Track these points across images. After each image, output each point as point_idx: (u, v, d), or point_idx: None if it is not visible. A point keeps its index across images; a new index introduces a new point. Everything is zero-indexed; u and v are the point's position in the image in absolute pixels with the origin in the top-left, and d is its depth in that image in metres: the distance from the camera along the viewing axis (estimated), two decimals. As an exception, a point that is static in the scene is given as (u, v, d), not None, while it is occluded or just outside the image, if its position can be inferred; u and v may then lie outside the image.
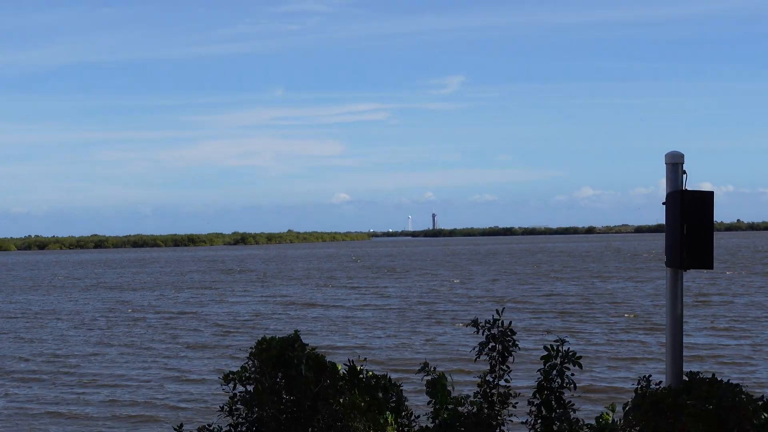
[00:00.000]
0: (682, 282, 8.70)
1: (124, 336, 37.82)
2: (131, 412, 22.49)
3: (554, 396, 9.33)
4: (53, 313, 49.70)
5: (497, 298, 51.04)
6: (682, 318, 8.71)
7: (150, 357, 31.62)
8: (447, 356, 28.74)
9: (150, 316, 46.72)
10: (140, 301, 57.58)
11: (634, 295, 51.16)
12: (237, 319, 43.89)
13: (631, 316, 39.40)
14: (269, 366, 9.46)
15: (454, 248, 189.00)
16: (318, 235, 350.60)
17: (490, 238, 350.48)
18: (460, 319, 39.44)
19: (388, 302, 50.65)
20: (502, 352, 9.49)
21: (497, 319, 9.51)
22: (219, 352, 32.15)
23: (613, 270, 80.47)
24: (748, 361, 27.53)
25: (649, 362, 27.38)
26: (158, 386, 25.70)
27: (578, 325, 36.76)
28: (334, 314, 44.76)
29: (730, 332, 34.04)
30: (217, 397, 23.19)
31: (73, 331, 40.49)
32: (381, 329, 37.32)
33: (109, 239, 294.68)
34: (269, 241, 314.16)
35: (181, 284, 75.22)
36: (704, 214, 8.44)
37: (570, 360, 9.29)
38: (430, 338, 34.00)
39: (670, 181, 8.67)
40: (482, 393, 9.45)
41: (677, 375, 8.60)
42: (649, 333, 33.93)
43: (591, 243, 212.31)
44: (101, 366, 29.72)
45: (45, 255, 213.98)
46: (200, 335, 37.35)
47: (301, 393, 9.35)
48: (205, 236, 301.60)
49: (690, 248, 8.38)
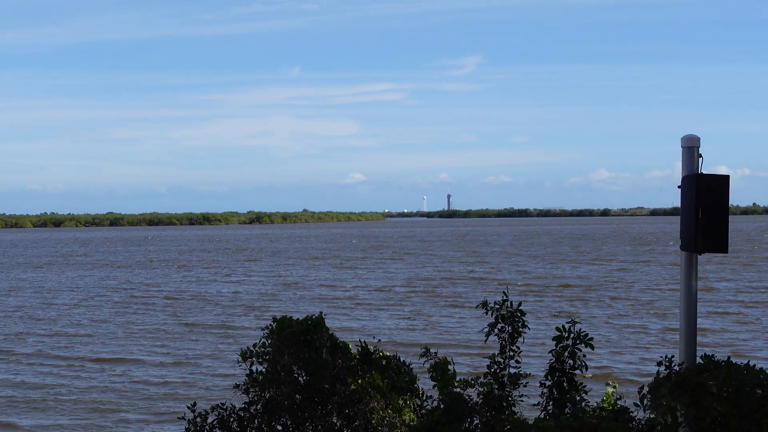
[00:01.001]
0: (696, 265, 8.71)
1: (115, 315, 37.81)
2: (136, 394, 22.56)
3: (566, 377, 9.31)
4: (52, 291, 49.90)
5: (499, 280, 51.10)
6: (696, 301, 8.72)
7: (148, 336, 31.66)
8: (449, 340, 28.67)
9: (142, 294, 46.78)
10: (129, 277, 57.82)
11: (631, 280, 51.08)
12: (224, 297, 43.88)
13: (629, 301, 39.26)
14: (288, 346, 9.47)
15: (463, 230, 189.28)
16: (333, 215, 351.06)
17: (500, 220, 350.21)
18: (461, 302, 39.38)
19: (391, 283, 50.58)
20: (511, 333, 9.48)
21: (505, 300, 9.51)
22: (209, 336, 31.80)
23: (615, 253, 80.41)
24: (747, 344, 27.57)
25: (652, 347, 27.40)
26: (158, 367, 25.73)
27: (578, 309, 36.58)
28: (331, 294, 44.66)
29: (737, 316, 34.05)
30: (196, 378, 23.29)
31: (76, 309, 40.64)
32: (382, 310, 37.10)
33: (124, 217, 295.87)
34: (284, 220, 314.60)
35: (178, 262, 75.35)
36: (719, 198, 8.43)
37: (582, 341, 9.26)
38: (431, 322, 33.83)
39: (685, 165, 8.67)
40: (492, 374, 9.43)
41: (692, 357, 8.62)
42: (648, 317, 33.88)
43: (599, 226, 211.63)
44: (95, 346, 29.61)
45: (60, 232, 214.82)
46: (193, 315, 37.17)
47: (319, 374, 9.36)
48: (220, 215, 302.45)
49: (705, 232, 8.38)
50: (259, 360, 9.66)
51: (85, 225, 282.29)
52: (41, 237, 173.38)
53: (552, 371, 9.30)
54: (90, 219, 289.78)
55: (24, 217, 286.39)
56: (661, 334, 29.58)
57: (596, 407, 9.12)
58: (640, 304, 38.20)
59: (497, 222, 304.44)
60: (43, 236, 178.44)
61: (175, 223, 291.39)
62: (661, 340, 28.60)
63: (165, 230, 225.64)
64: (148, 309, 40.14)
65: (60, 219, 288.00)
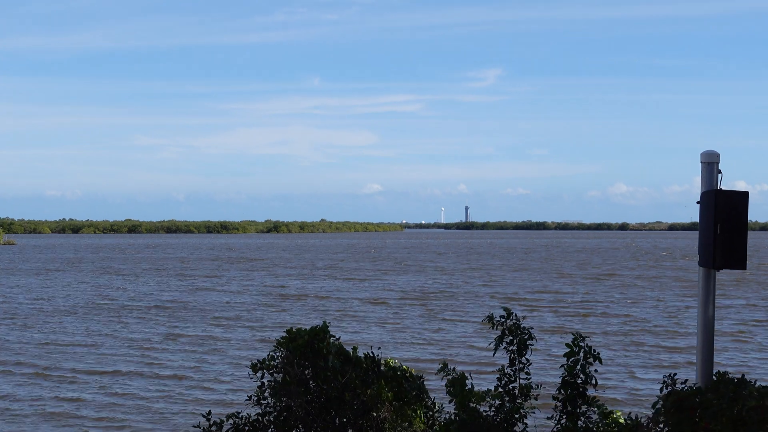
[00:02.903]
0: (714, 282, 8.68)
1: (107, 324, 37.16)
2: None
3: (578, 391, 9.36)
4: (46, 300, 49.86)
5: (503, 294, 50.89)
6: (714, 318, 8.67)
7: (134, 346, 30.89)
8: (440, 355, 27.71)
9: (138, 304, 46.07)
10: (127, 287, 57.80)
11: (629, 298, 50.75)
12: (222, 307, 43.67)
13: (628, 318, 38.63)
14: (297, 356, 9.50)
15: (474, 242, 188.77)
16: (351, 225, 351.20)
17: (514, 232, 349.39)
18: (463, 316, 39.01)
19: (389, 295, 50.25)
20: (519, 345, 9.56)
21: (510, 312, 9.64)
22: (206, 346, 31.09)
23: (617, 269, 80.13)
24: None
25: (648, 365, 27.13)
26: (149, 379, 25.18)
27: (577, 326, 35.98)
28: (322, 305, 44.23)
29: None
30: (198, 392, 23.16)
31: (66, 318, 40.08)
32: (378, 325, 36.32)
33: (142, 224, 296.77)
34: (302, 230, 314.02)
35: (181, 272, 75.37)
36: (738, 214, 8.40)
37: (592, 355, 9.33)
38: (432, 334, 33.34)
39: (705, 181, 8.65)
40: (503, 386, 9.51)
41: (708, 375, 8.57)
42: (645, 335, 33.35)
43: (610, 239, 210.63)
44: (87, 359, 28.48)
45: (77, 239, 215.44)
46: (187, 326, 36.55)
47: (328, 383, 9.39)
48: (238, 224, 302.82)
49: (723, 249, 8.35)
50: (270, 371, 9.68)
51: (104, 231, 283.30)
52: (52, 243, 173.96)
53: (564, 385, 9.37)
54: (108, 226, 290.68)
55: (43, 222, 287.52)
56: (656, 356, 28.66)
57: (608, 421, 9.14)
58: (634, 321, 37.46)
59: (511, 234, 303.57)
60: (58, 242, 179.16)
61: (193, 231, 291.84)
62: (655, 360, 27.85)
63: (181, 238, 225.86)
64: (135, 319, 39.07)
65: (78, 225, 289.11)
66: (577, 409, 9.30)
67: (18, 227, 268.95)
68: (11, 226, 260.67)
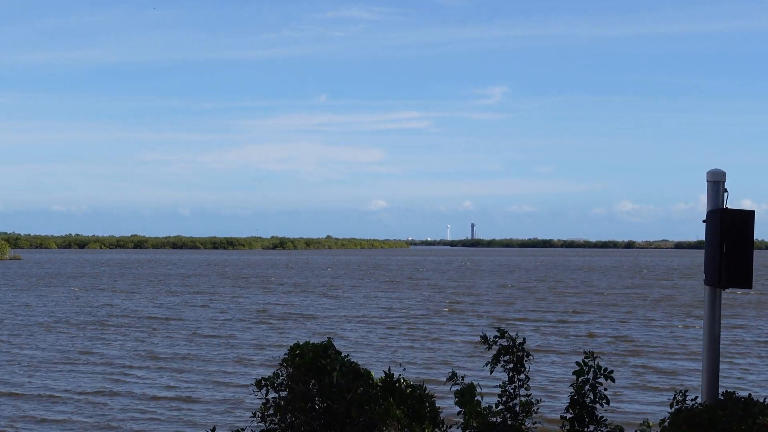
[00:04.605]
0: (720, 301, 8.69)
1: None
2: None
3: (587, 411, 9.35)
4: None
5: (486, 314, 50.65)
6: (719, 336, 8.68)
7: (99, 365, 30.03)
8: (431, 375, 26.87)
9: (121, 320, 45.46)
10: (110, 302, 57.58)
11: (615, 318, 50.52)
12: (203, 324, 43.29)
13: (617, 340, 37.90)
14: (302, 372, 9.50)
15: (476, 258, 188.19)
16: (356, 241, 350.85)
17: (516, 250, 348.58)
18: (448, 334, 38.60)
19: (371, 313, 49.57)
20: (516, 364, 9.58)
21: (504, 331, 9.67)
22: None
23: (614, 286, 79.96)
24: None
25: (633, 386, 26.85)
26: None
27: (566, 346, 35.47)
28: (304, 326, 43.41)
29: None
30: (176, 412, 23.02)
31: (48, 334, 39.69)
32: (363, 344, 35.28)
33: (148, 240, 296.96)
34: (308, 246, 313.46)
35: (164, 287, 74.83)
36: (744, 233, 8.42)
37: (602, 374, 9.31)
38: (416, 353, 32.69)
39: (710, 199, 8.66)
40: (503, 403, 9.52)
41: (713, 393, 8.57)
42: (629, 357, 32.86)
43: (608, 258, 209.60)
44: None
45: (82, 254, 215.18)
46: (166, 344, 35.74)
47: (334, 400, 9.39)
48: (244, 239, 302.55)
49: (729, 267, 8.37)
50: (275, 388, 9.69)
51: (110, 247, 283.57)
52: (57, 258, 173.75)
53: (573, 404, 9.36)
54: (114, 241, 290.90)
55: (49, 238, 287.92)
56: (638, 377, 27.81)
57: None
58: (623, 341, 36.86)
59: (514, 252, 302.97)
60: (62, 257, 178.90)
61: (199, 246, 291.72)
62: (640, 380, 27.32)
63: (186, 254, 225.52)
64: (113, 335, 38.34)
65: (84, 240, 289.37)
66: (584, 428, 9.29)
67: (24, 242, 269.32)
68: (17, 240, 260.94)
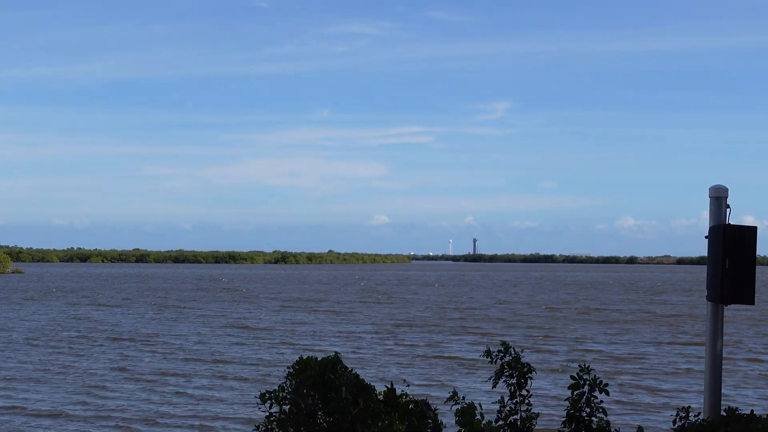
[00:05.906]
0: (722, 317, 8.71)
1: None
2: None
3: (584, 425, 9.33)
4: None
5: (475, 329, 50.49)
6: (722, 353, 8.69)
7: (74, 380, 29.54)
8: (417, 394, 26.75)
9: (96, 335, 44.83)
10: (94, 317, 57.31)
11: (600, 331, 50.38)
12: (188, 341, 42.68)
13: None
14: (308, 387, 9.51)
15: (473, 273, 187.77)
16: (358, 256, 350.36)
17: (516, 265, 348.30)
18: (435, 350, 38.39)
19: (357, 328, 49.16)
20: (518, 379, 9.59)
21: (508, 346, 9.69)
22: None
23: (611, 301, 79.93)
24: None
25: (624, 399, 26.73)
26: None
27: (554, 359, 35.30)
28: (286, 340, 42.91)
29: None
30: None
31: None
32: (348, 360, 34.92)
33: (150, 254, 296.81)
34: (310, 261, 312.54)
35: (161, 302, 74.37)
36: (747, 249, 8.44)
37: (598, 388, 9.29)
38: (401, 370, 32.29)
39: (713, 215, 8.69)
40: (503, 418, 9.53)
41: (716, 409, 8.58)
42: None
43: (608, 273, 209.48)
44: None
45: (84, 267, 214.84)
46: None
47: (340, 415, 9.38)
48: (245, 254, 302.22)
49: (731, 283, 8.39)
50: (279, 403, 9.68)
51: (112, 261, 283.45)
52: (57, 272, 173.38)
53: (569, 419, 9.34)
54: (116, 255, 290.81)
55: (51, 251, 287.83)
56: (623, 391, 27.67)
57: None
58: (612, 358, 36.53)
59: (513, 267, 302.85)
60: (64, 271, 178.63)
61: (200, 260, 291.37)
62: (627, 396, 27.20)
63: (186, 268, 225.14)
64: (93, 351, 37.71)
65: (86, 254, 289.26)
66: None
67: (26, 256, 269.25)
68: (19, 254, 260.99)
